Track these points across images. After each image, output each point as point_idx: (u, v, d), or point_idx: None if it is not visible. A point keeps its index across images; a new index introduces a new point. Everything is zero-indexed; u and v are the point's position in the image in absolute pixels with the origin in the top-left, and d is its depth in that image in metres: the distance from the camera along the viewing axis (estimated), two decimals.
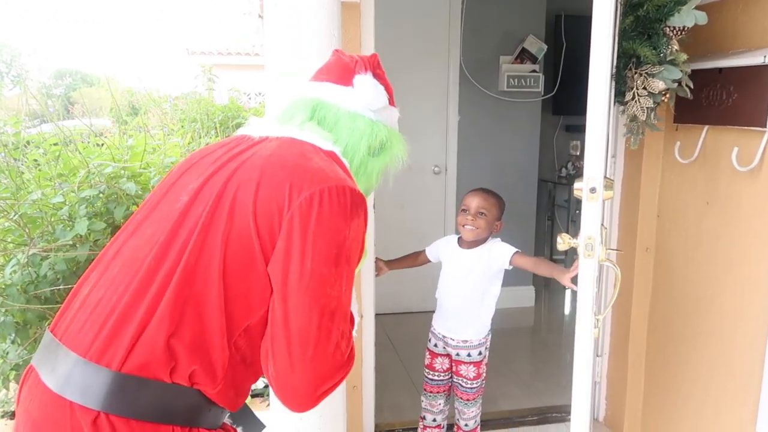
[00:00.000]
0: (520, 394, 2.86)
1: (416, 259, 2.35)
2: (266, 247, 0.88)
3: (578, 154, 4.47)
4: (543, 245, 4.79)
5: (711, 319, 2.01)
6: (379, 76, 1.15)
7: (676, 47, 1.84)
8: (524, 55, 3.78)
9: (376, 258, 2.29)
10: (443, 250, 2.27)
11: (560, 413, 2.63)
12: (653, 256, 2.30)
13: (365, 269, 2.27)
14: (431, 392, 2.29)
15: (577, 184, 1.56)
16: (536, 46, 3.78)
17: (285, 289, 0.87)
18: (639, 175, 2.26)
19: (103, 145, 2.48)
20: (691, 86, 1.86)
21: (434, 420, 2.32)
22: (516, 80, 3.77)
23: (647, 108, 1.87)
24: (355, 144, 1.05)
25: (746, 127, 1.78)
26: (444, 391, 2.28)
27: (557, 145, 4.75)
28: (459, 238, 2.24)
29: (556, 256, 4.64)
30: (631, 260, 2.30)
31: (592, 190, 1.50)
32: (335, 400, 1.84)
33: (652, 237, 2.29)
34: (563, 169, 4.64)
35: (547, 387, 2.92)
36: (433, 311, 2.29)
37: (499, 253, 2.13)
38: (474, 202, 2.15)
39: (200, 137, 3.52)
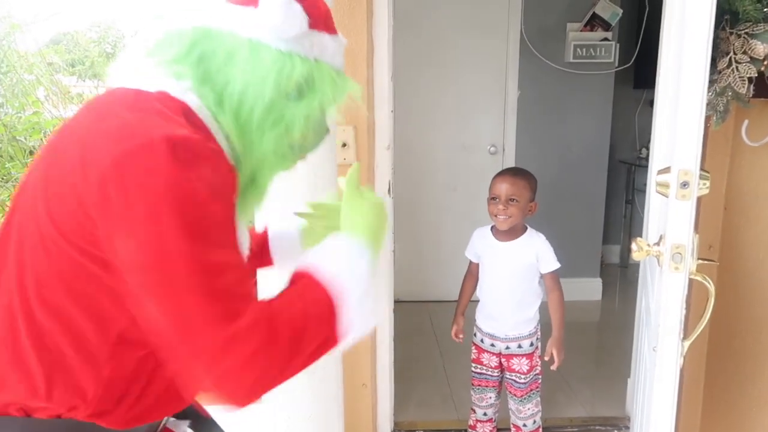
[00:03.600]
0: (564, 401, 2.58)
1: (472, 276, 2.18)
2: (89, 252, 0.70)
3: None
4: (618, 231, 4.37)
5: None
6: None
7: None
8: (595, 22, 3.37)
9: (453, 325, 2.15)
10: (479, 246, 2.11)
11: (605, 426, 2.34)
12: (717, 255, 1.94)
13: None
14: (480, 386, 2.15)
15: (660, 177, 1.23)
16: (610, 10, 3.35)
17: (138, 289, 0.69)
18: (702, 160, 1.90)
19: None
20: None
21: (485, 414, 2.18)
22: (585, 50, 3.38)
23: (747, 78, 1.52)
24: (256, 85, 0.78)
25: None
26: (494, 385, 2.15)
27: (639, 122, 4.26)
28: (492, 227, 2.06)
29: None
30: None
31: (684, 184, 1.18)
32: (328, 399, 1.69)
33: (717, 233, 1.93)
34: (644, 150, 4.17)
35: (596, 395, 2.62)
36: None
37: (542, 258, 2.00)
38: (503, 188, 1.96)
39: None
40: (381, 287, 2.12)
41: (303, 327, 0.71)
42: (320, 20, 0.85)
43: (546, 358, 2.01)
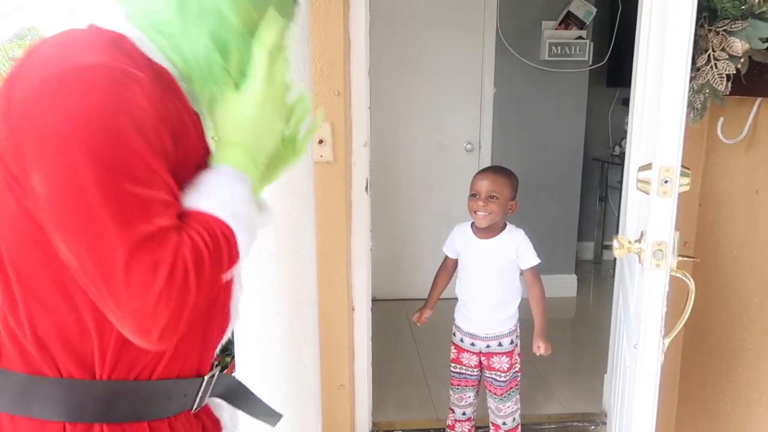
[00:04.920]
0: (542, 398, 2.59)
1: (447, 270, 2.17)
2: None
3: None
4: (592, 228, 4.41)
5: (757, 332, 1.67)
6: None
7: None
8: (570, 20, 3.38)
9: (418, 311, 2.14)
10: (459, 241, 2.09)
11: (582, 422, 2.35)
12: (692, 251, 1.96)
13: (356, 257, 2.05)
14: (459, 386, 2.14)
15: (642, 174, 1.22)
16: (584, 9, 3.38)
17: (51, 228, 0.65)
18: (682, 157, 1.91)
19: None
20: None
21: (464, 413, 2.17)
22: (559, 48, 3.39)
23: (725, 75, 1.52)
24: None
25: None
26: (473, 384, 2.14)
27: (612, 120, 4.31)
28: (472, 224, 2.05)
29: (607, 242, 4.26)
30: None
31: (665, 181, 1.17)
32: (305, 401, 1.66)
33: (692, 230, 1.95)
34: (617, 147, 4.22)
35: (573, 391, 2.63)
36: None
37: (522, 254, 2.00)
38: (484, 185, 1.96)
39: None
40: (358, 284, 2.09)
41: (206, 260, 0.68)
42: None
43: (536, 351, 2.01)
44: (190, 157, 0.75)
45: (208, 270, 0.68)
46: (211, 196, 0.72)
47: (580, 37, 3.41)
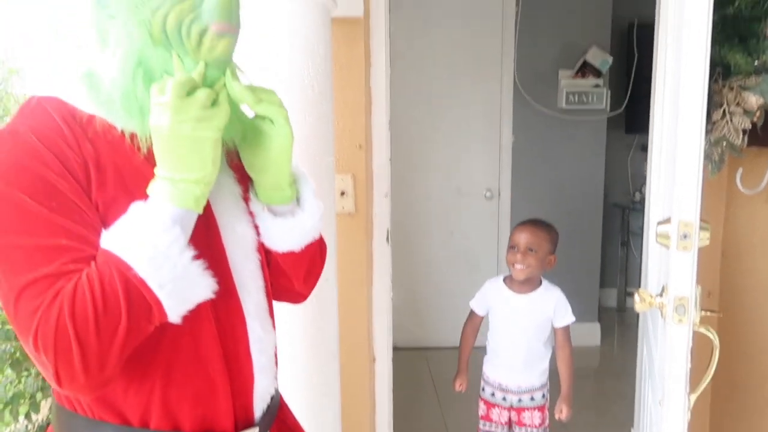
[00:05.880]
0: None
1: (474, 328, 2.14)
2: None
3: None
4: (615, 274, 4.36)
5: None
6: None
7: None
8: (586, 69, 3.44)
9: (455, 380, 2.12)
10: (492, 297, 2.07)
11: None
12: (717, 302, 1.93)
13: (377, 307, 2.06)
14: None
15: (661, 228, 1.24)
16: (600, 58, 3.43)
17: None
18: (700, 210, 1.91)
19: None
20: None
21: None
22: (576, 96, 3.44)
23: (741, 129, 1.54)
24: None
25: None
26: None
27: (632, 166, 4.31)
28: (505, 279, 2.05)
29: (630, 288, 4.20)
30: None
31: (684, 236, 1.18)
32: None
33: (715, 280, 1.93)
34: (637, 194, 4.20)
35: None
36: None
37: (558, 311, 1.99)
38: (523, 238, 1.96)
39: None
40: (379, 334, 2.09)
41: (88, 305, 0.65)
42: None
43: (557, 416, 1.99)
44: (131, 183, 0.75)
45: (95, 314, 0.65)
46: (114, 235, 0.70)
47: (597, 85, 3.45)
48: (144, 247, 0.68)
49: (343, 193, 1.89)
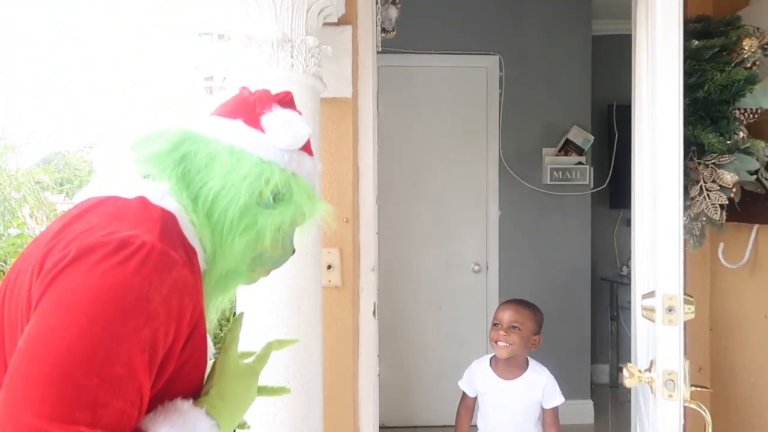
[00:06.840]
0: None
1: (468, 410, 2.10)
2: None
3: None
4: (606, 350, 4.31)
5: None
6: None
7: (744, 133, 1.57)
8: (569, 147, 3.55)
9: None
10: (479, 382, 2.06)
11: None
12: (708, 377, 1.91)
13: (363, 383, 2.01)
14: None
15: (645, 302, 1.25)
16: (582, 137, 3.55)
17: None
18: (684, 284, 1.93)
19: None
20: None
21: None
22: (561, 173, 3.53)
23: (719, 205, 1.58)
24: (233, 186, 0.77)
25: None
26: None
27: (618, 240, 4.37)
28: (492, 360, 2.04)
29: (622, 363, 4.13)
30: None
31: (670, 309, 1.19)
32: None
33: (705, 355, 1.92)
34: (624, 267, 4.23)
35: None
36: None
37: (548, 394, 1.97)
38: (506, 315, 1.96)
39: None
40: (365, 412, 2.03)
41: None
42: (308, 145, 0.90)
43: None
44: (196, 352, 0.73)
45: None
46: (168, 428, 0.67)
47: (580, 163, 3.55)
48: None
49: (329, 267, 1.89)
